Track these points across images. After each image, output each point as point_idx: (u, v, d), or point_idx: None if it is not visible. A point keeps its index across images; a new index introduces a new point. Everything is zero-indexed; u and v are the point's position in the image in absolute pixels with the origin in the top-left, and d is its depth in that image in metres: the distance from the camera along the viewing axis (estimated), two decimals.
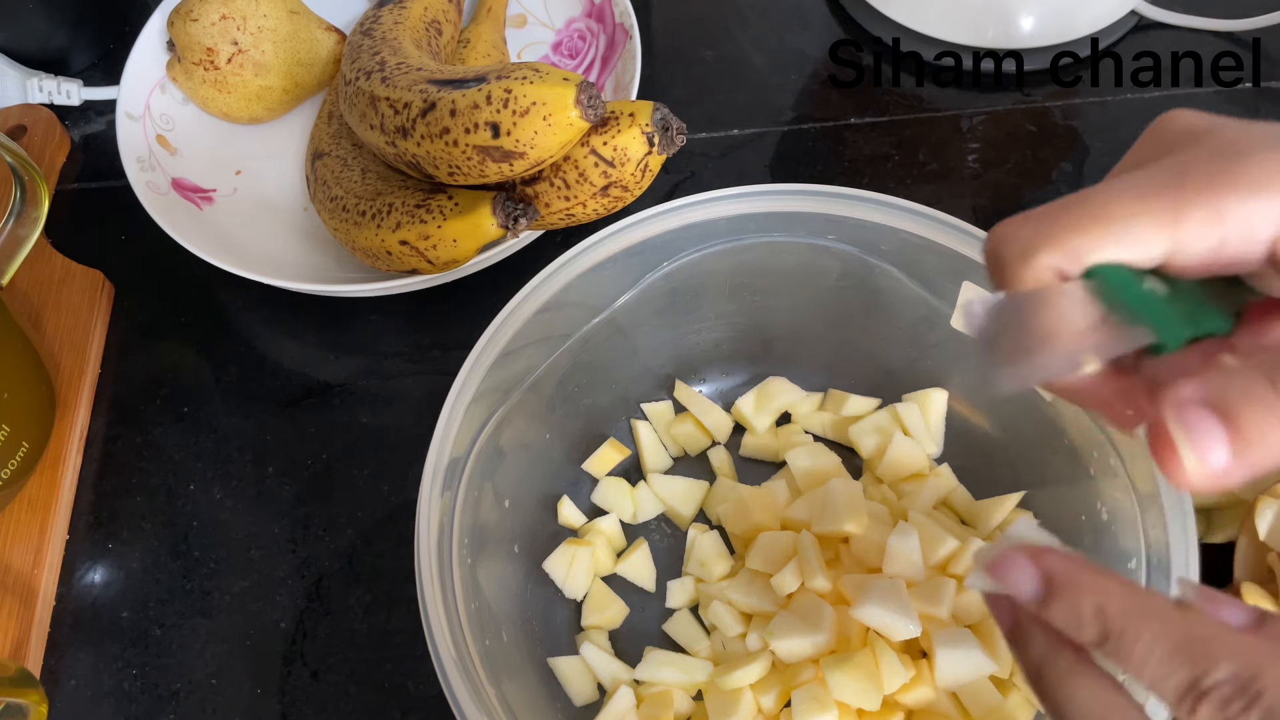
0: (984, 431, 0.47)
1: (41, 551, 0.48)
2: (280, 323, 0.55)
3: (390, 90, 0.46)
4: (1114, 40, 0.61)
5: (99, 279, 0.55)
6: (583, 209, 0.45)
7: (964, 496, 0.46)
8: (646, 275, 0.44)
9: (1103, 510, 0.40)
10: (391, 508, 0.49)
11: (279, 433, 0.52)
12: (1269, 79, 0.60)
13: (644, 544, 0.47)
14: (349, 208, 0.49)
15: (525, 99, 0.41)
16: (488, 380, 0.41)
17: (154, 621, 0.47)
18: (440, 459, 0.39)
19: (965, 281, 0.42)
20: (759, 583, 0.43)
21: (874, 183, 0.57)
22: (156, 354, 0.55)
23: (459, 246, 0.46)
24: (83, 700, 0.46)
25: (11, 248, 0.49)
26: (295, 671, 0.46)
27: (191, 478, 0.51)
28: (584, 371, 0.46)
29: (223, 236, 0.54)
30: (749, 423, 0.49)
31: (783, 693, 0.41)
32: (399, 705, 0.45)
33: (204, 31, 0.54)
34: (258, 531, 0.49)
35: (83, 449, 0.52)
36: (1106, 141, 0.58)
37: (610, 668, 0.43)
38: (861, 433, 0.47)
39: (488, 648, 0.39)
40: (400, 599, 0.47)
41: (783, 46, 0.63)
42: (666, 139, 0.43)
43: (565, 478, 0.48)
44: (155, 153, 0.56)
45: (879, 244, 0.43)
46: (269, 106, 0.58)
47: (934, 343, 0.45)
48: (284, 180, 0.58)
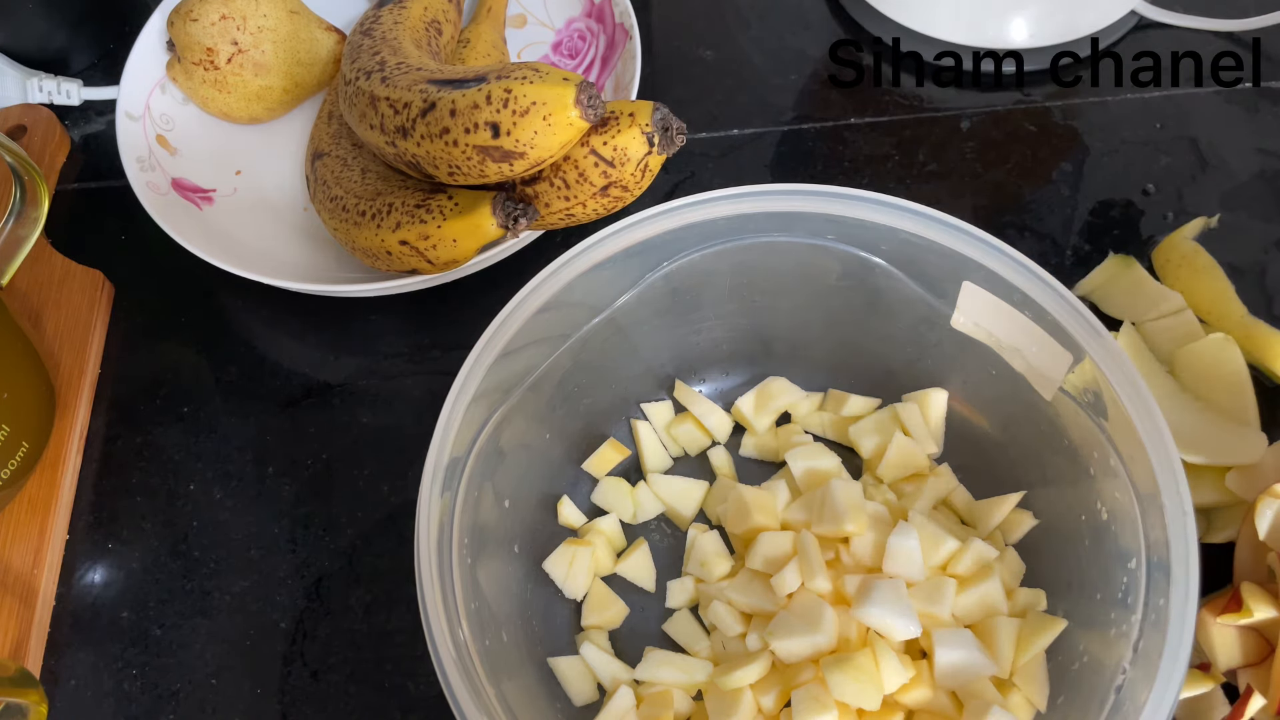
0: (984, 431, 0.47)
1: (41, 551, 0.48)
2: (280, 323, 0.55)
3: (390, 90, 0.46)
4: (1114, 40, 0.61)
5: (99, 279, 0.55)
6: (583, 209, 0.45)
7: (964, 496, 0.46)
8: (646, 275, 0.44)
9: (1103, 510, 0.40)
10: (391, 508, 0.49)
11: (279, 433, 0.52)
12: (1269, 79, 0.60)
13: (644, 544, 0.47)
14: (349, 208, 0.49)
15: (525, 99, 0.41)
16: (488, 380, 0.41)
17: (154, 621, 0.47)
18: (440, 459, 0.39)
19: (965, 281, 0.42)
20: (759, 583, 0.43)
21: (874, 183, 0.57)
22: (156, 354, 0.55)
23: (459, 246, 0.46)
24: (83, 700, 0.46)
25: (11, 248, 0.49)
26: (295, 671, 0.46)
27: (191, 478, 0.51)
28: (584, 371, 0.46)
29: (223, 236, 0.54)
30: (749, 423, 0.49)
31: (783, 693, 0.41)
32: (399, 705, 0.45)
33: (204, 31, 0.54)
34: (258, 531, 0.49)
35: (83, 449, 0.52)
36: (1106, 141, 0.58)
37: (610, 668, 0.43)
38: (861, 433, 0.47)
39: (488, 648, 0.39)
40: (400, 599, 0.47)
41: (783, 46, 0.63)
42: (666, 139, 0.43)
43: (565, 478, 0.48)
44: (155, 153, 0.56)
45: (879, 244, 0.43)
46: (269, 106, 0.58)
47: (934, 343, 0.45)
48: (284, 180, 0.58)
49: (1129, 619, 0.37)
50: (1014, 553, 0.44)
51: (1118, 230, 0.55)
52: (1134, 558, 0.37)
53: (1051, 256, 0.54)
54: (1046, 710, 0.40)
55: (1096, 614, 0.39)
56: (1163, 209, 0.56)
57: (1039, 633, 0.41)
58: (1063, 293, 0.40)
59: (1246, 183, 0.57)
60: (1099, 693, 0.37)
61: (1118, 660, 0.36)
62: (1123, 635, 0.37)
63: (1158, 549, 0.36)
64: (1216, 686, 0.42)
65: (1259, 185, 0.56)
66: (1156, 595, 0.36)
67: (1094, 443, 0.40)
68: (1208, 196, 0.56)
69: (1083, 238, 0.55)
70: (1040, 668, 0.41)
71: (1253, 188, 0.56)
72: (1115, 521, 0.39)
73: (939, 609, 0.41)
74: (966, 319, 0.43)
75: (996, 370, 0.43)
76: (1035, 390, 0.42)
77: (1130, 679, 0.35)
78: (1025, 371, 0.42)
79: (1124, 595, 0.37)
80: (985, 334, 0.43)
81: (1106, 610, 0.39)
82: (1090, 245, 0.55)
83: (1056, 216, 0.56)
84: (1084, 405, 0.40)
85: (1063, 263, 0.54)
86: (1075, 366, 0.40)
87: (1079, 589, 0.41)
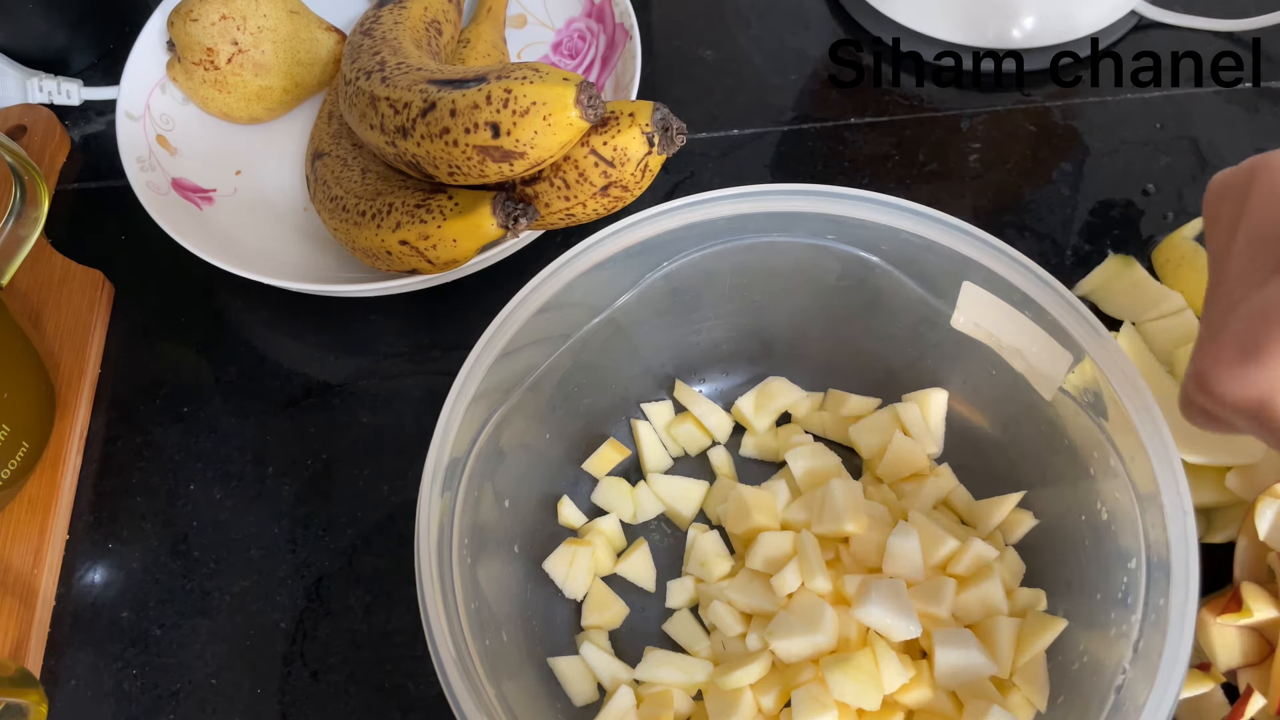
0: (984, 431, 0.47)
1: (41, 551, 0.48)
2: (280, 323, 0.55)
3: (390, 90, 0.46)
4: (1114, 40, 0.61)
5: (99, 279, 0.55)
6: (583, 209, 0.45)
7: (964, 496, 0.46)
8: (646, 275, 0.44)
9: (1103, 510, 0.40)
10: (391, 508, 0.49)
11: (279, 433, 0.52)
12: (1269, 79, 0.60)
13: (644, 544, 0.47)
14: (349, 208, 0.49)
15: (525, 99, 0.41)
16: (488, 380, 0.41)
17: (154, 621, 0.47)
18: (440, 459, 0.39)
19: (965, 281, 0.42)
20: (759, 583, 0.43)
21: (874, 183, 0.57)
22: (156, 354, 0.54)
23: (459, 246, 0.46)
24: (83, 700, 0.46)
25: (11, 248, 0.49)
26: (295, 671, 0.46)
27: (191, 478, 0.51)
28: (584, 371, 0.46)
29: (223, 236, 0.54)
30: (749, 423, 0.49)
31: (783, 693, 0.41)
32: (399, 705, 0.45)
33: (204, 31, 0.54)
34: (258, 531, 0.49)
35: (83, 449, 0.52)
36: (1106, 141, 0.58)
37: (610, 668, 0.43)
38: (861, 433, 0.47)
39: (488, 648, 0.39)
40: (400, 599, 0.47)
41: (783, 46, 0.63)
42: (666, 139, 0.43)
43: (565, 478, 0.48)
44: (155, 153, 0.56)
45: (879, 244, 0.43)
46: (269, 106, 0.58)
47: (934, 343, 0.45)
48: (284, 180, 0.58)
49: (1129, 619, 0.37)
50: (1014, 553, 0.44)
51: (1118, 230, 0.55)
52: (1134, 558, 0.37)
53: (1051, 256, 0.54)
54: (1046, 710, 0.40)
55: (1096, 614, 0.39)
56: (1163, 209, 0.56)
57: (1039, 633, 0.41)
58: (1063, 293, 0.40)
59: None
60: (1099, 693, 0.37)
61: (1118, 660, 0.36)
62: (1123, 635, 0.37)
63: (1158, 549, 0.36)
64: (1216, 686, 0.42)
65: None
66: (1156, 595, 0.36)
67: (1094, 443, 0.40)
68: None
69: (1083, 238, 0.55)
70: (1040, 668, 0.41)
71: None
72: (1115, 521, 0.39)
73: (939, 609, 0.41)
74: (966, 319, 0.43)
75: (996, 370, 0.43)
76: (1035, 390, 0.42)
77: (1130, 679, 0.35)
78: (1025, 371, 0.42)
79: (1124, 595, 0.37)
80: (985, 334, 0.43)
81: (1106, 610, 0.39)
82: (1090, 245, 0.55)
83: (1056, 216, 0.56)
84: (1084, 405, 0.40)
85: (1063, 263, 0.54)
86: (1075, 366, 0.40)
87: (1079, 589, 0.41)
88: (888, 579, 0.41)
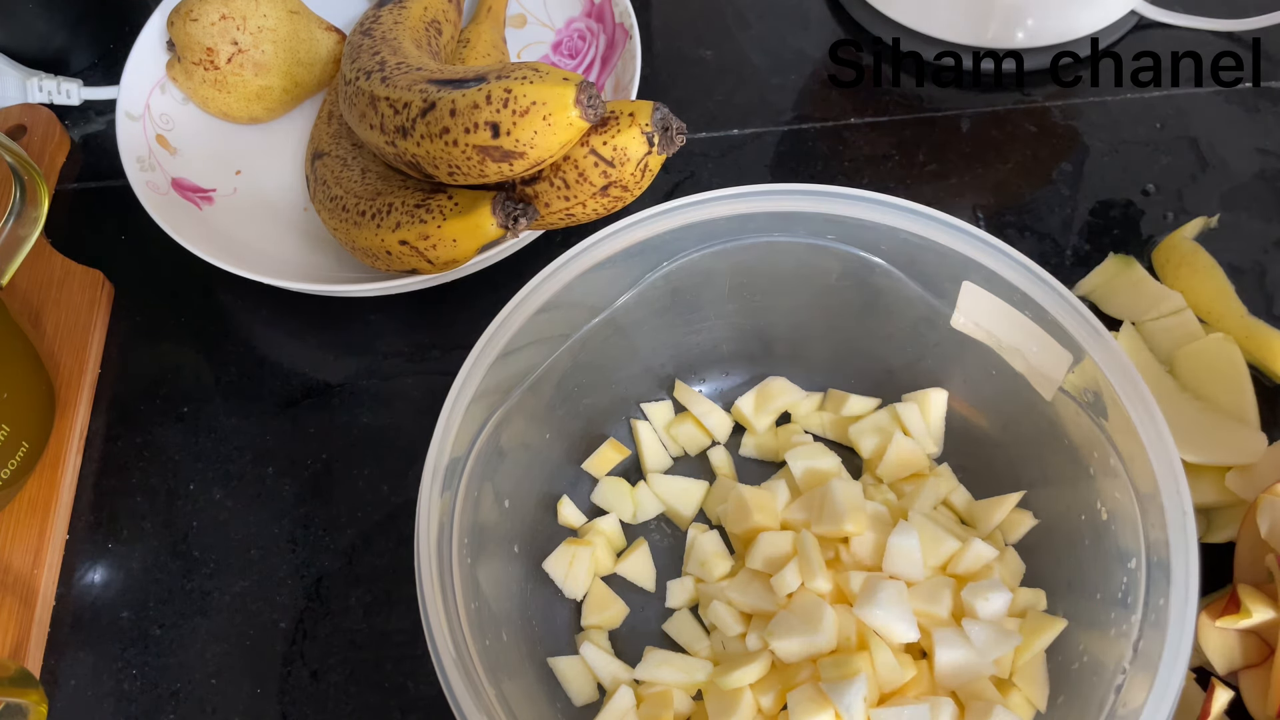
0: (984, 431, 0.47)
1: (41, 551, 0.48)
2: (280, 323, 0.55)
3: (390, 90, 0.46)
4: (1114, 40, 0.61)
5: (99, 279, 0.55)
6: (583, 209, 0.45)
7: (964, 496, 0.46)
8: (646, 275, 0.44)
9: (1103, 510, 0.40)
10: (391, 508, 0.49)
11: (279, 433, 0.52)
12: (1269, 79, 0.60)
13: (644, 544, 0.47)
14: (349, 208, 0.49)
15: (525, 99, 0.41)
16: (488, 380, 0.41)
17: (154, 621, 0.47)
18: (440, 459, 0.39)
19: (965, 281, 0.42)
20: (759, 583, 0.43)
21: (874, 183, 0.57)
22: (156, 354, 0.54)
23: (459, 246, 0.46)
24: (83, 700, 0.46)
25: (11, 248, 0.49)
26: (295, 671, 0.46)
27: (191, 478, 0.51)
28: (584, 371, 0.46)
29: (223, 236, 0.54)
30: (749, 423, 0.49)
31: (782, 693, 0.41)
32: (399, 705, 0.45)
33: (204, 31, 0.54)
34: (258, 531, 0.49)
35: (83, 449, 0.52)
36: (1106, 141, 0.58)
37: (610, 668, 0.43)
38: (861, 433, 0.47)
39: (488, 648, 0.39)
40: (400, 599, 0.47)
41: (783, 46, 0.63)
42: (666, 139, 0.43)
43: (565, 478, 0.48)
44: (155, 152, 0.56)
45: (879, 244, 0.43)
46: (269, 106, 0.58)
47: (934, 343, 0.45)
48: (284, 180, 0.58)
49: (1129, 619, 0.37)
50: (1014, 552, 0.44)
51: (1118, 230, 0.55)
52: (1134, 558, 0.37)
53: (1051, 256, 0.54)
54: (1046, 710, 0.41)
55: (1096, 614, 0.39)
56: (1163, 209, 0.56)
57: (1039, 633, 0.41)
58: (1063, 293, 0.40)
59: (1246, 183, 0.57)
60: (1099, 693, 0.37)
61: (1118, 660, 0.36)
62: (1123, 635, 0.37)
63: (1158, 549, 0.36)
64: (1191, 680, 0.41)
65: (1259, 185, 0.56)
66: (1156, 595, 0.36)
67: (1094, 443, 0.40)
68: (1207, 196, 0.56)
69: (1083, 238, 0.55)
70: (1040, 668, 0.41)
71: (1253, 188, 0.56)
72: (1115, 521, 0.39)
73: (939, 609, 0.41)
74: (966, 319, 0.43)
75: (996, 370, 0.43)
76: (1035, 390, 0.42)
77: (1130, 679, 0.35)
78: (1025, 371, 0.42)
79: (1124, 595, 0.38)
80: (985, 334, 0.43)
81: (1106, 610, 0.39)
82: (1090, 245, 0.55)
83: (1056, 216, 0.56)
84: (1084, 405, 0.40)
85: (1063, 263, 0.54)
86: (1075, 366, 0.40)
87: (1079, 589, 0.41)
88: (888, 579, 0.41)
